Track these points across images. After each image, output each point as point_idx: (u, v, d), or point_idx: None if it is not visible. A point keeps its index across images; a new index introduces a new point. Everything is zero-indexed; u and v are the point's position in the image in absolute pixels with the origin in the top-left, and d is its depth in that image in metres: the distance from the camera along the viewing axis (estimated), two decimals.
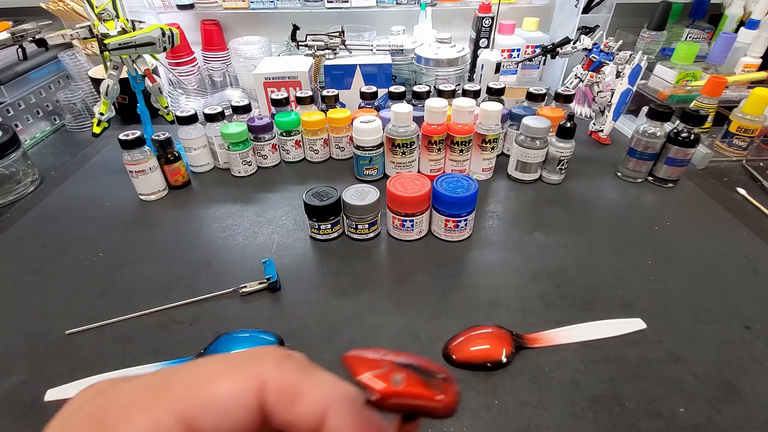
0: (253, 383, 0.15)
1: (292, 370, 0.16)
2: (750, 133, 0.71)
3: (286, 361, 0.17)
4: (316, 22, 0.99)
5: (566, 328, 0.43)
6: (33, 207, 0.62)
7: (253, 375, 0.16)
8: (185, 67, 0.96)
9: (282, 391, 0.16)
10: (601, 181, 0.67)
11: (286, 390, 0.16)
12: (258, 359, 0.16)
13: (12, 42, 0.55)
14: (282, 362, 0.16)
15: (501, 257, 0.52)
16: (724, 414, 0.35)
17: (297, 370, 0.16)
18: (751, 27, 0.88)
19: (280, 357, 0.17)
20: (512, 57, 0.95)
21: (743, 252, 0.53)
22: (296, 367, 0.17)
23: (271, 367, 0.16)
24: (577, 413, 0.35)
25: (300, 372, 0.17)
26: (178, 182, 0.65)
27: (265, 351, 0.17)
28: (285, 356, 0.17)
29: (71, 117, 0.85)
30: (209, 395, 0.15)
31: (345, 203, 0.52)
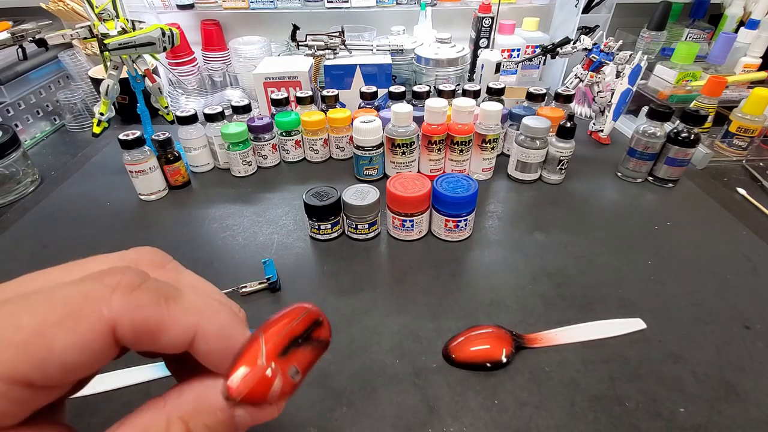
0: (98, 330, 0.14)
1: (147, 305, 0.14)
2: (750, 133, 0.71)
3: (139, 294, 0.14)
4: (316, 22, 0.99)
5: (566, 328, 0.43)
6: (33, 207, 0.62)
7: (96, 321, 0.13)
8: (185, 67, 0.96)
9: (138, 329, 0.14)
10: (601, 181, 0.67)
11: (142, 328, 0.14)
12: (102, 298, 0.14)
13: (12, 42, 0.55)
14: (133, 296, 0.14)
15: (501, 257, 0.52)
16: (724, 414, 0.35)
17: (153, 302, 0.15)
18: (751, 27, 0.88)
19: (129, 287, 0.14)
20: (512, 57, 0.95)
21: (743, 252, 0.53)
22: (153, 300, 0.15)
23: (118, 306, 0.14)
24: (577, 413, 0.35)
25: (157, 304, 0.15)
26: (178, 182, 0.65)
27: (111, 281, 0.14)
28: (136, 285, 0.15)
29: (71, 117, 0.85)
30: (44, 353, 0.13)
31: (345, 203, 0.52)
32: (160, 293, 0.15)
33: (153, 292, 0.15)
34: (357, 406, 0.36)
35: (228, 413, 0.15)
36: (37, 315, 0.13)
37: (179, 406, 0.15)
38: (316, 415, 0.35)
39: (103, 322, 0.14)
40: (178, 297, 0.15)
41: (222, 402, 0.15)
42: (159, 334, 0.15)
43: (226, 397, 0.15)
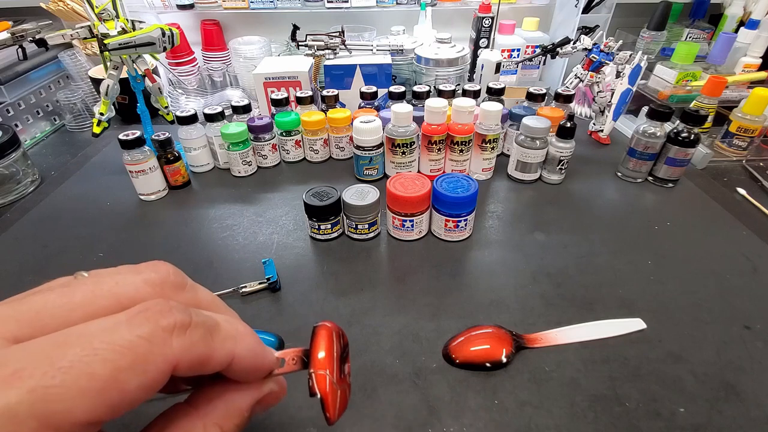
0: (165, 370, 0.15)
1: (198, 342, 0.16)
2: (750, 133, 0.71)
3: (192, 334, 0.16)
4: (316, 22, 0.99)
5: (566, 328, 0.43)
6: (33, 207, 0.62)
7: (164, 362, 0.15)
8: (185, 67, 0.96)
9: (193, 364, 0.16)
10: (601, 181, 0.67)
11: (195, 363, 0.16)
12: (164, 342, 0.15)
13: (12, 42, 0.55)
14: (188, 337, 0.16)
15: (501, 257, 0.52)
16: (724, 414, 0.35)
17: (203, 339, 0.17)
18: (751, 27, 0.88)
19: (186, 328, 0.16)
20: (512, 57, 0.95)
21: (743, 252, 0.53)
22: (202, 337, 0.17)
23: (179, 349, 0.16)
24: (577, 413, 0.35)
25: (206, 340, 0.17)
26: (178, 182, 0.65)
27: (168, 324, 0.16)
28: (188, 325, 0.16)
29: (71, 117, 0.85)
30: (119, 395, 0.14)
31: (345, 203, 0.52)
32: (206, 329, 0.17)
33: (201, 329, 0.17)
34: (357, 406, 0.36)
35: (251, 411, 0.19)
36: (110, 364, 0.14)
37: (212, 412, 0.18)
38: (316, 415, 0.35)
39: (167, 363, 0.15)
40: (217, 329, 0.18)
41: (246, 403, 0.19)
42: (207, 364, 0.17)
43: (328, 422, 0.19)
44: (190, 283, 0.20)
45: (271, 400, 0.20)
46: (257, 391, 0.19)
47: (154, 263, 0.19)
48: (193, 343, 0.16)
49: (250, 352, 0.18)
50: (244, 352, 0.18)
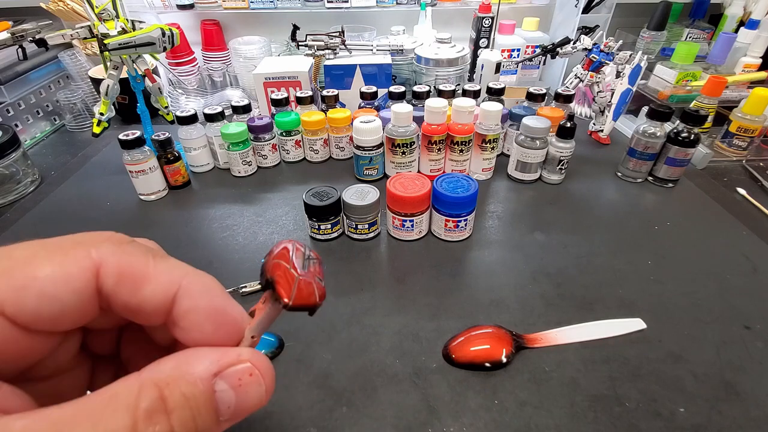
0: (85, 265, 0.14)
1: (134, 254, 0.15)
2: (750, 133, 0.71)
3: (128, 246, 0.15)
4: (316, 22, 0.99)
5: (566, 328, 0.43)
6: (33, 207, 0.62)
7: (86, 257, 0.14)
8: (185, 67, 0.96)
9: (121, 274, 0.14)
10: (601, 181, 0.67)
11: (126, 274, 0.15)
12: (90, 243, 0.15)
13: (12, 42, 0.55)
14: (122, 246, 0.15)
15: (501, 257, 0.52)
16: (724, 414, 0.35)
17: (141, 254, 0.15)
18: (751, 27, 0.88)
19: (119, 241, 0.15)
20: (512, 57, 0.95)
21: (743, 252, 0.53)
22: (140, 252, 0.15)
23: (106, 250, 0.15)
24: (577, 413, 0.35)
25: (145, 257, 0.15)
26: (178, 182, 0.65)
27: (101, 235, 0.15)
28: (126, 241, 0.16)
29: (71, 117, 0.85)
30: (24, 279, 0.13)
31: (345, 203, 0.52)
32: (148, 250, 0.16)
33: (141, 247, 0.16)
34: (357, 406, 0.36)
35: (209, 384, 0.14)
36: (29, 250, 0.14)
37: (155, 372, 0.14)
38: (316, 415, 0.35)
39: (89, 260, 0.14)
40: (164, 256, 0.16)
41: (205, 372, 0.14)
42: (142, 282, 0.15)
43: (283, 304, 0.16)
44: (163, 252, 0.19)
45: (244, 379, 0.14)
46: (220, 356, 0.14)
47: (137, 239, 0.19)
48: (125, 252, 0.15)
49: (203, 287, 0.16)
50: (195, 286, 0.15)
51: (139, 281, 0.15)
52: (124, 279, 0.14)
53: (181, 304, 0.15)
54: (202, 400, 0.13)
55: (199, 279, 0.16)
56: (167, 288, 0.15)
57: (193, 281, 0.15)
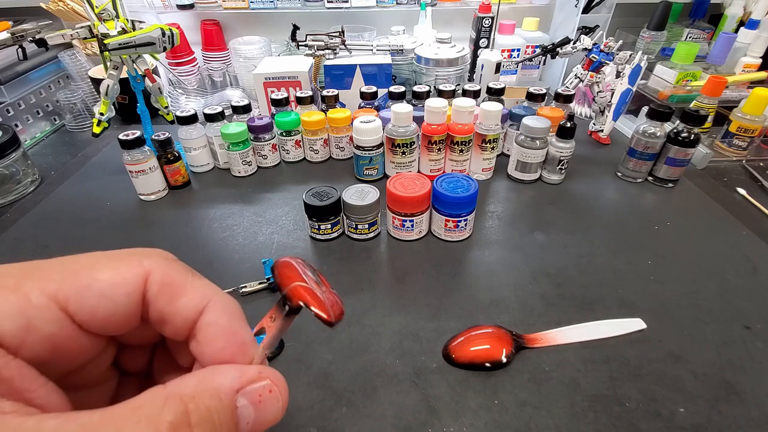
0: (137, 273, 0.16)
1: (177, 269, 0.17)
2: (750, 133, 0.71)
3: (173, 262, 0.17)
4: (316, 22, 0.99)
5: (566, 328, 0.43)
6: (33, 207, 0.62)
7: (138, 266, 0.16)
8: (185, 67, 0.96)
9: (165, 284, 0.16)
10: (601, 181, 0.67)
11: (169, 284, 0.16)
12: (144, 254, 0.17)
13: (12, 42, 0.55)
14: (168, 261, 0.17)
15: (501, 257, 0.52)
16: (724, 414, 0.35)
17: (183, 270, 0.17)
18: (751, 27, 0.88)
19: (167, 257, 0.17)
20: (512, 57, 0.95)
21: (743, 252, 0.53)
22: (182, 268, 0.17)
23: (156, 262, 0.16)
24: (577, 413, 0.35)
25: (185, 273, 0.17)
26: (178, 182, 0.65)
27: (152, 250, 0.17)
28: (172, 258, 0.18)
29: (71, 117, 0.85)
30: (88, 280, 0.15)
31: (345, 203, 0.52)
32: (188, 269, 0.18)
33: (184, 265, 0.18)
34: (357, 406, 0.36)
35: (232, 399, 0.14)
36: (93, 258, 0.16)
37: (179, 386, 0.14)
38: (316, 415, 0.35)
39: (140, 267, 0.16)
40: (200, 276, 0.18)
41: (229, 387, 0.15)
42: (179, 294, 0.16)
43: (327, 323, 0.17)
44: None
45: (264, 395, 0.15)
46: (240, 373, 0.15)
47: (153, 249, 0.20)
48: (169, 266, 0.17)
49: (228, 306, 0.17)
50: (221, 304, 0.17)
51: (177, 292, 0.16)
52: (165, 288, 0.16)
53: (205, 318, 0.17)
54: (225, 415, 0.14)
55: (225, 300, 0.17)
56: (198, 302, 0.17)
57: (219, 300, 0.17)
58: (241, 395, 0.15)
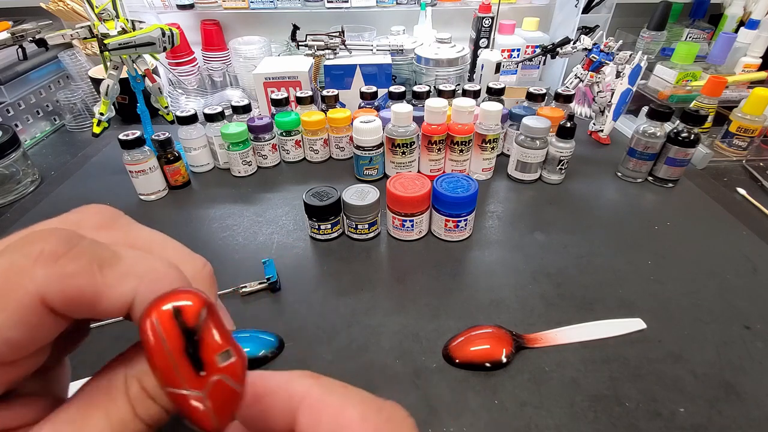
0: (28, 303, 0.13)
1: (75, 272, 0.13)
2: (750, 133, 0.71)
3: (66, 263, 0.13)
4: (316, 22, 0.99)
5: (566, 328, 0.43)
6: (33, 207, 0.62)
7: (25, 294, 0.13)
8: (185, 67, 0.96)
9: (69, 299, 0.13)
10: (601, 181, 0.67)
11: (73, 299, 0.13)
12: (24, 270, 0.13)
13: (12, 42, 0.55)
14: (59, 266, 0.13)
15: (501, 257, 0.52)
16: (724, 414, 0.35)
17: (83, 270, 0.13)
18: (751, 27, 0.88)
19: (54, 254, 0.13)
20: (512, 57, 0.95)
21: (743, 252, 0.53)
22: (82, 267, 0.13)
23: (42, 279, 0.13)
24: (577, 413, 0.35)
25: (88, 271, 0.13)
26: (178, 182, 0.65)
27: (32, 251, 0.13)
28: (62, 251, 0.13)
29: (71, 117, 0.85)
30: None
31: (345, 203, 0.52)
32: (92, 258, 0.14)
33: (83, 259, 0.14)
34: None
35: None
36: None
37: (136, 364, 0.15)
38: None
39: (29, 296, 0.13)
40: (114, 261, 0.14)
41: None
42: (95, 302, 0.14)
43: None
44: (125, 220, 0.17)
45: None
46: None
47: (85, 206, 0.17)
48: (65, 274, 0.13)
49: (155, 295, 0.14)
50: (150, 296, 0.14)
51: (91, 301, 0.14)
52: (74, 304, 0.13)
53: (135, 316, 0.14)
54: None
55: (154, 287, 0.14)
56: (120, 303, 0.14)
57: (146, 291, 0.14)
58: None
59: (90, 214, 0.17)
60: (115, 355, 0.16)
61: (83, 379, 0.18)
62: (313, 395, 0.16)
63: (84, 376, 0.21)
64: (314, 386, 0.16)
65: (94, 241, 0.14)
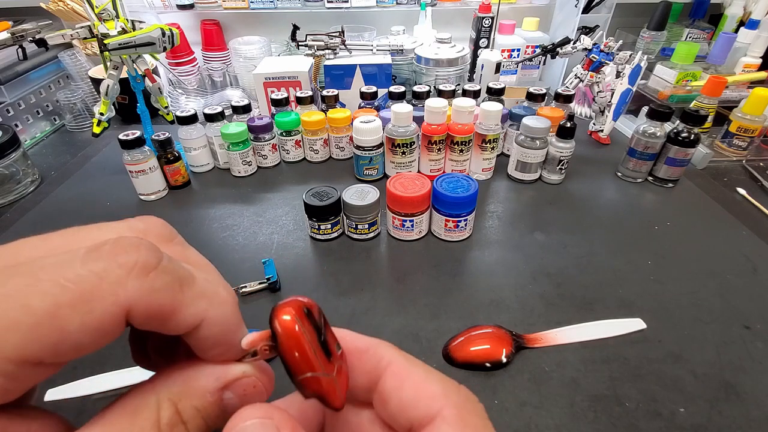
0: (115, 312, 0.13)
1: (162, 290, 0.14)
2: (750, 133, 0.71)
3: (156, 279, 0.14)
4: (316, 22, 0.99)
5: (566, 328, 0.43)
6: (33, 207, 0.62)
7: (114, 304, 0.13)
8: (185, 67, 0.96)
9: (150, 316, 0.14)
10: (601, 181, 0.67)
11: (154, 315, 0.14)
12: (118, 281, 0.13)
13: (12, 42, 0.55)
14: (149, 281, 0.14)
15: (501, 257, 0.52)
16: (724, 414, 0.35)
17: (169, 287, 0.14)
18: (751, 27, 0.88)
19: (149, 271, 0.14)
20: (512, 57, 0.95)
21: (743, 252, 0.53)
22: (168, 284, 0.14)
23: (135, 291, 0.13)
24: (577, 413, 0.35)
25: (172, 289, 0.14)
26: (178, 182, 0.65)
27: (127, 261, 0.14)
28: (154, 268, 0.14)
29: (71, 117, 0.85)
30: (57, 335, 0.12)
31: (345, 203, 0.52)
32: (176, 277, 0.15)
33: (169, 276, 0.14)
34: None
35: (217, 396, 0.15)
36: (49, 297, 0.12)
37: (167, 387, 0.15)
38: None
39: (118, 305, 0.13)
40: (191, 282, 0.15)
41: (212, 385, 0.15)
42: (170, 318, 0.14)
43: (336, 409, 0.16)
44: (180, 239, 0.18)
45: (248, 390, 0.16)
46: (225, 372, 0.16)
47: (146, 217, 0.18)
48: (153, 289, 0.14)
49: (223, 318, 0.16)
50: (216, 318, 0.15)
51: (167, 318, 0.14)
52: (153, 318, 0.14)
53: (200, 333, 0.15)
54: (212, 410, 0.15)
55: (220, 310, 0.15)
56: (191, 322, 0.15)
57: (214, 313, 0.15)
58: (227, 390, 0.16)
59: (154, 225, 0.18)
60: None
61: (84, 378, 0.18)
62: (400, 363, 0.17)
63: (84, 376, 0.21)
64: (400, 356, 0.17)
65: (173, 258, 0.15)
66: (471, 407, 0.16)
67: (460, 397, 0.17)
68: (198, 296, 0.15)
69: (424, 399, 0.16)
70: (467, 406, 0.17)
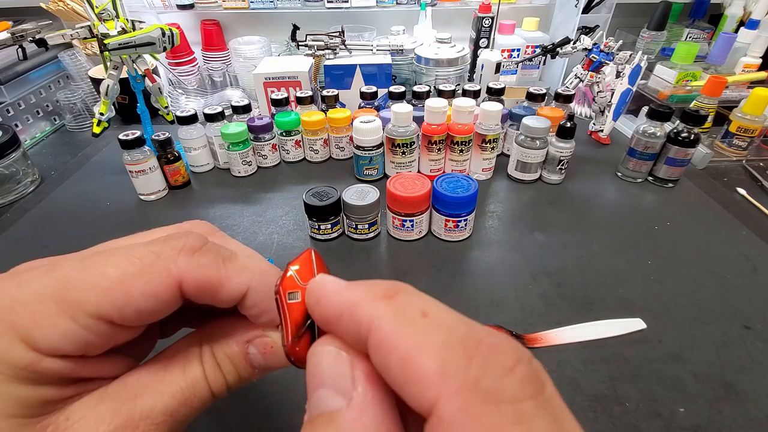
0: (169, 283, 0.17)
1: (207, 265, 0.17)
2: (750, 133, 0.71)
3: (201, 257, 0.17)
4: (316, 22, 0.99)
5: (566, 328, 0.43)
6: (33, 207, 0.62)
7: (168, 276, 0.17)
8: (185, 67, 0.96)
9: (199, 287, 0.17)
10: (601, 181, 0.67)
11: (203, 286, 0.17)
12: (170, 257, 0.17)
13: (12, 42, 0.55)
14: (195, 258, 0.17)
15: (501, 257, 0.52)
16: (724, 414, 0.35)
17: (213, 262, 0.18)
18: (751, 27, 0.88)
19: (192, 249, 0.17)
20: (512, 57, 0.95)
21: (743, 252, 0.53)
22: (212, 261, 0.18)
23: (183, 265, 0.17)
24: (577, 413, 0.35)
25: (216, 265, 0.18)
26: (178, 182, 0.65)
27: (177, 244, 0.17)
28: (197, 247, 0.18)
29: (71, 117, 0.85)
30: (124, 298, 0.16)
31: (345, 203, 0.52)
32: (218, 255, 0.18)
33: (212, 254, 0.18)
34: None
35: (243, 347, 0.19)
36: (120, 267, 0.16)
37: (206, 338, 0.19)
38: None
39: (171, 277, 0.17)
40: (233, 258, 0.18)
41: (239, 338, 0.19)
42: (218, 289, 0.17)
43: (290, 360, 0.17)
44: (222, 233, 0.22)
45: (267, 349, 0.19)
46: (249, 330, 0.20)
47: (192, 220, 0.22)
48: (200, 264, 0.17)
49: (266, 288, 0.18)
50: (260, 287, 0.18)
51: (215, 289, 0.17)
52: (202, 290, 0.17)
53: (247, 302, 0.18)
54: (239, 360, 0.19)
55: (262, 281, 0.18)
56: (238, 292, 0.18)
57: (257, 283, 0.18)
58: (251, 345, 0.19)
59: (198, 225, 0.22)
60: None
61: None
62: (382, 328, 0.12)
63: None
64: (385, 314, 0.13)
65: (215, 243, 0.19)
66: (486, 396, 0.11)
67: (470, 373, 0.11)
68: (241, 269, 0.18)
69: (414, 384, 0.11)
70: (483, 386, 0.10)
